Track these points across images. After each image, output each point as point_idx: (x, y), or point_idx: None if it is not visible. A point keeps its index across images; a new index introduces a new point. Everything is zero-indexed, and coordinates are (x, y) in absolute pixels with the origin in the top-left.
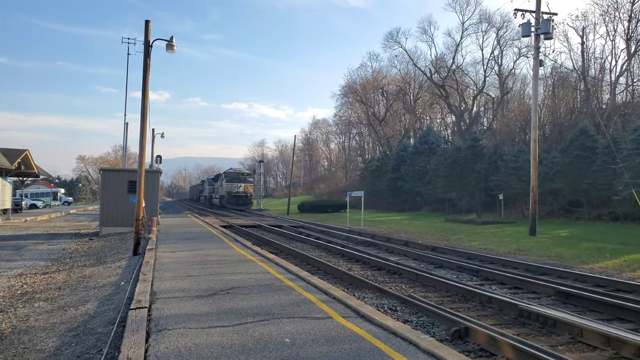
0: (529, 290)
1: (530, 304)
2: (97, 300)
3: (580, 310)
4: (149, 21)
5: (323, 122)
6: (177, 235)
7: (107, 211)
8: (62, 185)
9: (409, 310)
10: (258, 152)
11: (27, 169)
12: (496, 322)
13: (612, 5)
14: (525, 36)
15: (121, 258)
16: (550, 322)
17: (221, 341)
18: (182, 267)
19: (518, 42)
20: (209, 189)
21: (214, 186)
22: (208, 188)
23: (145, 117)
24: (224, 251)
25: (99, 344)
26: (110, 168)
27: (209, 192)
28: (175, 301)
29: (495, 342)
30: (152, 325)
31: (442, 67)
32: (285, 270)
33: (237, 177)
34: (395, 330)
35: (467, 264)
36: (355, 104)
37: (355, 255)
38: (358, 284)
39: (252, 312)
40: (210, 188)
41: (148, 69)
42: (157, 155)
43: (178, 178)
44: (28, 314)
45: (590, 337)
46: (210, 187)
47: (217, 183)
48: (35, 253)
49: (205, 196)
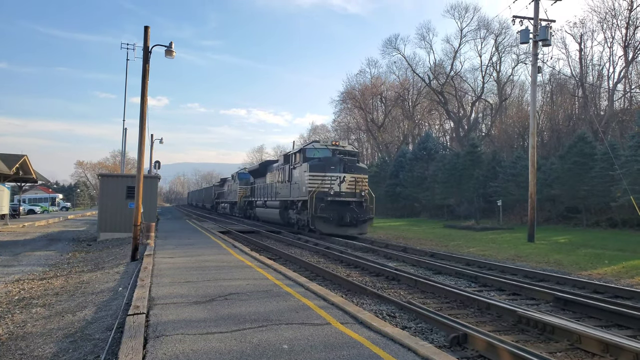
0: (528, 296)
1: (528, 310)
2: (94, 306)
3: (578, 316)
4: (148, 27)
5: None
6: (176, 241)
7: (105, 217)
8: (60, 191)
9: (408, 316)
10: (257, 158)
11: (25, 174)
12: (495, 329)
13: (609, 13)
14: (523, 43)
15: (119, 264)
16: (548, 328)
17: (219, 347)
18: (180, 273)
19: (516, 48)
20: (241, 191)
21: (258, 185)
22: (239, 189)
23: (144, 123)
24: (222, 257)
25: (97, 350)
26: (109, 173)
27: (244, 197)
28: (174, 307)
29: (494, 348)
30: (150, 332)
31: (441, 74)
32: (283, 276)
33: (333, 161)
34: (393, 336)
35: (465, 270)
36: (354, 110)
37: (353, 261)
38: (356, 290)
39: (250, 318)
40: (244, 189)
41: (147, 75)
42: (156, 160)
43: (177, 184)
44: (25, 319)
45: (589, 344)
46: (244, 187)
47: (273, 176)
48: (33, 258)
49: (230, 203)
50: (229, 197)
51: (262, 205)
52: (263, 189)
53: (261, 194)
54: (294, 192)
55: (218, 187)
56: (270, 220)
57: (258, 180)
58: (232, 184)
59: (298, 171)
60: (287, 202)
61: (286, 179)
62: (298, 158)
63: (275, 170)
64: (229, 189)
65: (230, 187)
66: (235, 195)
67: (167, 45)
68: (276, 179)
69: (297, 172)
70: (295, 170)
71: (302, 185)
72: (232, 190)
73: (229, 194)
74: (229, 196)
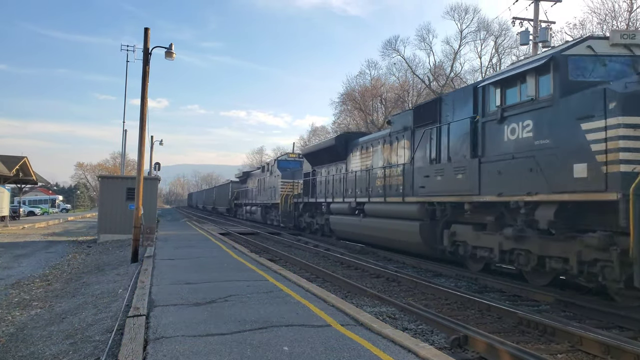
0: (529, 298)
1: (529, 312)
2: (94, 308)
3: (579, 318)
4: (148, 29)
5: (322, 130)
6: (176, 242)
7: (105, 218)
8: (60, 192)
9: (408, 318)
10: (257, 159)
11: (25, 176)
12: (495, 330)
13: (609, 14)
14: (523, 44)
15: (119, 265)
16: (549, 330)
17: (219, 349)
18: (180, 274)
19: (516, 50)
20: (284, 186)
21: (324, 178)
22: (281, 184)
23: (144, 124)
24: (222, 258)
25: (97, 352)
26: (109, 175)
27: (295, 196)
28: (174, 309)
29: (495, 350)
30: (150, 333)
31: (441, 75)
32: (283, 277)
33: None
34: (394, 338)
35: (465, 272)
36: (354, 111)
37: (354, 263)
38: (357, 292)
39: (250, 319)
40: (290, 184)
41: (147, 77)
42: (156, 162)
43: (177, 185)
44: (25, 321)
45: (590, 346)
46: (288, 181)
47: (375, 156)
48: (33, 260)
49: (262, 206)
50: (260, 196)
51: (342, 212)
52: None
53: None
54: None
55: (237, 184)
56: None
57: (321, 169)
58: (265, 177)
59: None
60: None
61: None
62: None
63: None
64: (260, 186)
65: (261, 182)
66: (273, 193)
67: (167, 47)
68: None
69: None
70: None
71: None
72: (266, 187)
73: (258, 193)
74: (260, 196)
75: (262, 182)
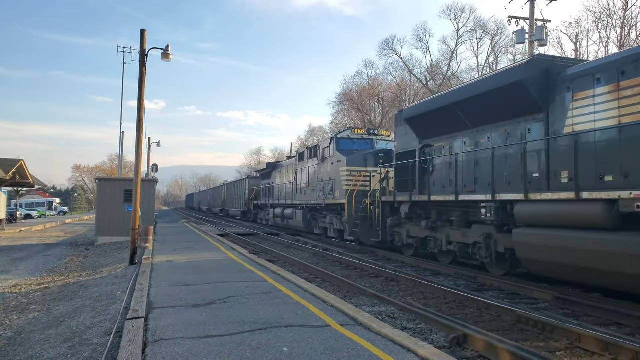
0: (527, 296)
1: (528, 310)
2: (93, 311)
3: (577, 316)
4: (144, 30)
5: (319, 130)
6: (174, 244)
7: (103, 221)
8: (57, 195)
9: (407, 317)
10: (255, 160)
11: (22, 178)
12: (494, 329)
13: (605, 13)
14: (519, 43)
15: (117, 268)
16: (548, 328)
17: (219, 351)
18: (179, 276)
19: (512, 49)
20: (349, 177)
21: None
22: (346, 174)
23: (141, 126)
24: (221, 260)
25: (96, 355)
26: (106, 177)
27: (375, 193)
28: (172, 311)
29: (494, 348)
30: (149, 336)
31: (438, 74)
32: (282, 278)
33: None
34: (393, 338)
35: (464, 271)
36: (351, 111)
37: (352, 263)
38: (356, 292)
39: (249, 321)
40: (357, 174)
41: (144, 78)
42: (154, 164)
43: (174, 187)
44: (23, 325)
45: (589, 343)
46: (356, 169)
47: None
48: (31, 264)
49: (305, 208)
50: (300, 194)
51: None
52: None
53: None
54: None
55: (256, 180)
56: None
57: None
58: (309, 167)
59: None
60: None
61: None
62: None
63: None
64: (299, 180)
65: (301, 174)
66: (328, 189)
67: (164, 49)
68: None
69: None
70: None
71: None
72: (312, 181)
73: (296, 190)
74: (300, 194)
75: (304, 174)
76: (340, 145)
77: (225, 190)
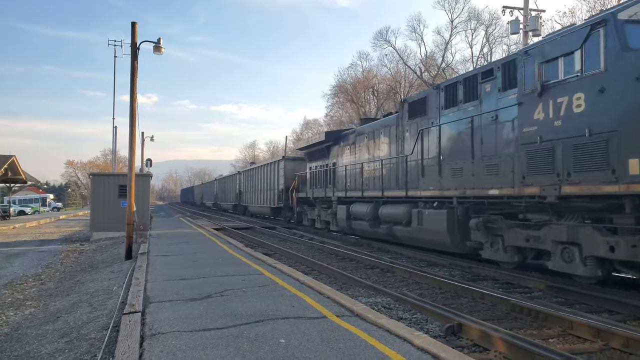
0: (521, 285)
1: (522, 299)
2: (89, 306)
3: (570, 304)
4: (135, 23)
5: (314, 123)
6: (170, 238)
7: (97, 216)
8: (51, 191)
9: (403, 307)
10: (249, 154)
11: (14, 175)
12: (489, 318)
13: (598, 2)
14: (514, 33)
15: (113, 263)
16: (541, 316)
17: (216, 344)
18: (175, 270)
19: (507, 39)
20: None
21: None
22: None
23: (134, 120)
24: (217, 253)
25: (93, 350)
26: (100, 172)
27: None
28: (169, 305)
29: (488, 337)
30: (146, 330)
31: (432, 65)
32: (279, 271)
33: None
34: (389, 328)
35: (459, 261)
36: (346, 103)
37: (348, 255)
38: (352, 283)
39: (246, 313)
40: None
41: (136, 72)
42: (147, 158)
43: (169, 181)
44: (20, 321)
45: (581, 330)
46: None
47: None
48: (25, 260)
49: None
50: (429, 178)
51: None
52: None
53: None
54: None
55: (293, 163)
56: None
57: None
58: (463, 118)
59: None
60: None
61: None
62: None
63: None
64: (425, 149)
65: (426, 138)
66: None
67: (156, 42)
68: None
69: None
70: None
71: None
72: (485, 147)
73: (420, 172)
74: (429, 177)
75: (448, 136)
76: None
77: (241, 180)
